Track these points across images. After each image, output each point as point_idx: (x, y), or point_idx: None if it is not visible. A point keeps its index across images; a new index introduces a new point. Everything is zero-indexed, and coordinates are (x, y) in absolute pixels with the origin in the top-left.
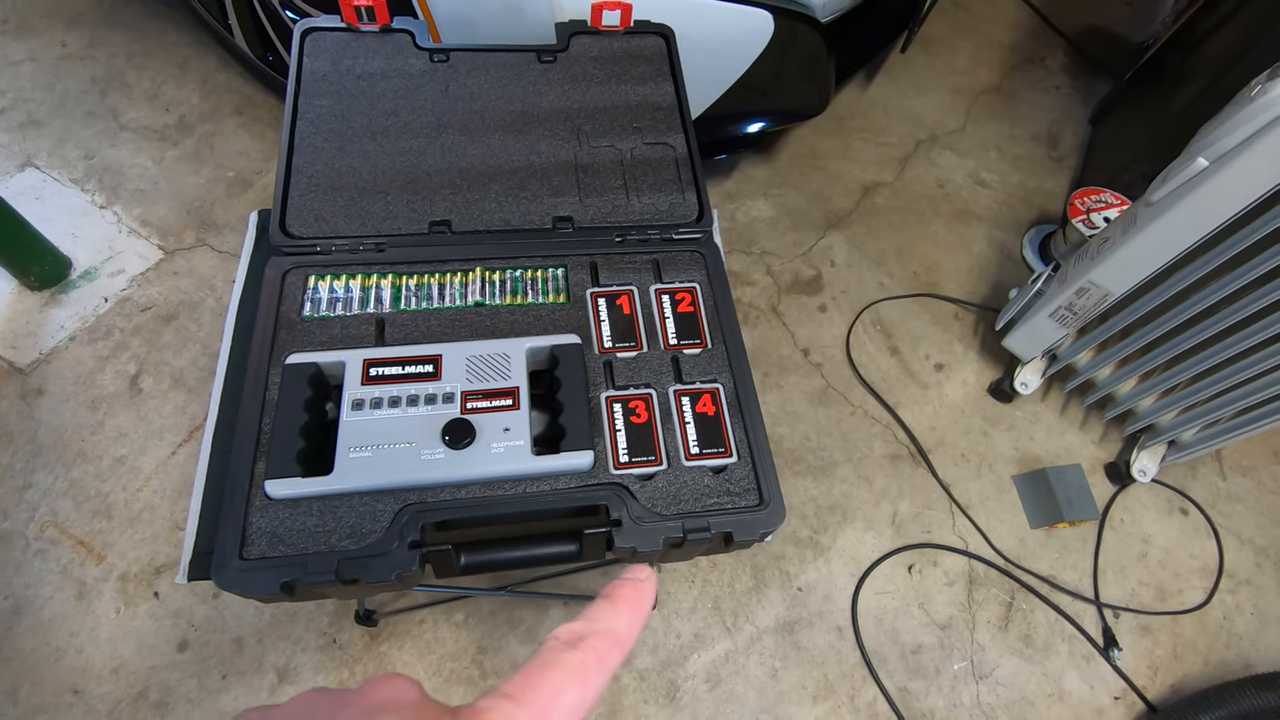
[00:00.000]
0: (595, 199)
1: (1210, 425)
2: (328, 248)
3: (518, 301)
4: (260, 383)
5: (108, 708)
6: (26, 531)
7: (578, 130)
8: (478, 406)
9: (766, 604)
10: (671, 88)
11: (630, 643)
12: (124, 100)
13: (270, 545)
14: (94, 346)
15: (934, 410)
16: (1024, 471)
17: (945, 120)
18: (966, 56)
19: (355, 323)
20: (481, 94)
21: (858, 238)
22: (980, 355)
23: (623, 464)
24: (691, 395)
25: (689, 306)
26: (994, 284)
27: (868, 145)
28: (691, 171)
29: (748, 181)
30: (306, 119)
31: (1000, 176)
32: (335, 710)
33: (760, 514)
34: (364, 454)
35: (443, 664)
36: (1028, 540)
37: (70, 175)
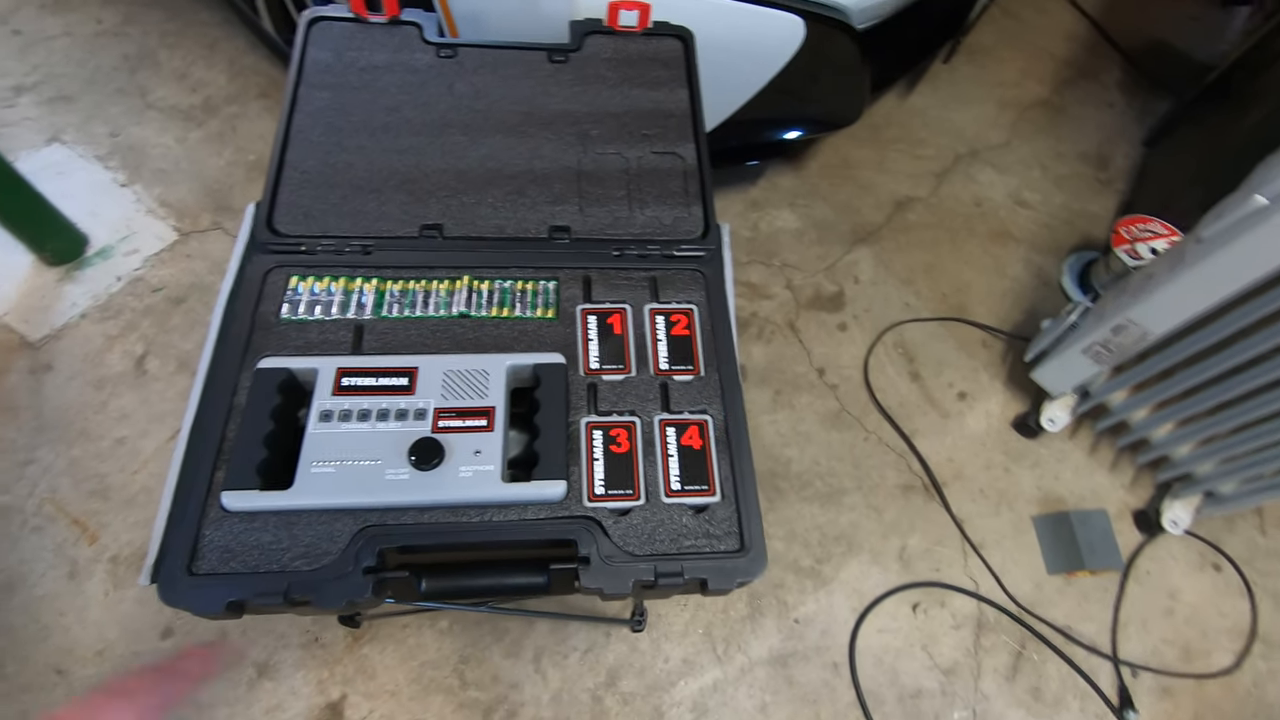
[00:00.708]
0: (596, 209)
1: (1254, 479)
2: (313, 247)
3: (504, 314)
4: (228, 386)
5: (89, 691)
6: (25, 507)
7: (584, 135)
8: (450, 426)
9: (761, 634)
10: (686, 94)
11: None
12: (153, 78)
13: (221, 560)
14: (104, 325)
15: (953, 441)
16: (1045, 513)
17: (988, 134)
18: (1015, 68)
19: (334, 328)
20: (487, 92)
21: (886, 254)
22: (1007, 386)
23: (598, 496)
24: (678, 426)
25: (684, 329)
26: (1027, 311)
27: (903, 157)
28: (700, 184)
29: (774, 190)
30: (305, 111)
31: (1043, 197)
32: None
33: (740, 560)
34: (327, 469)
35: (423, 671)
36: (1044, 586)
37: (95, 152)
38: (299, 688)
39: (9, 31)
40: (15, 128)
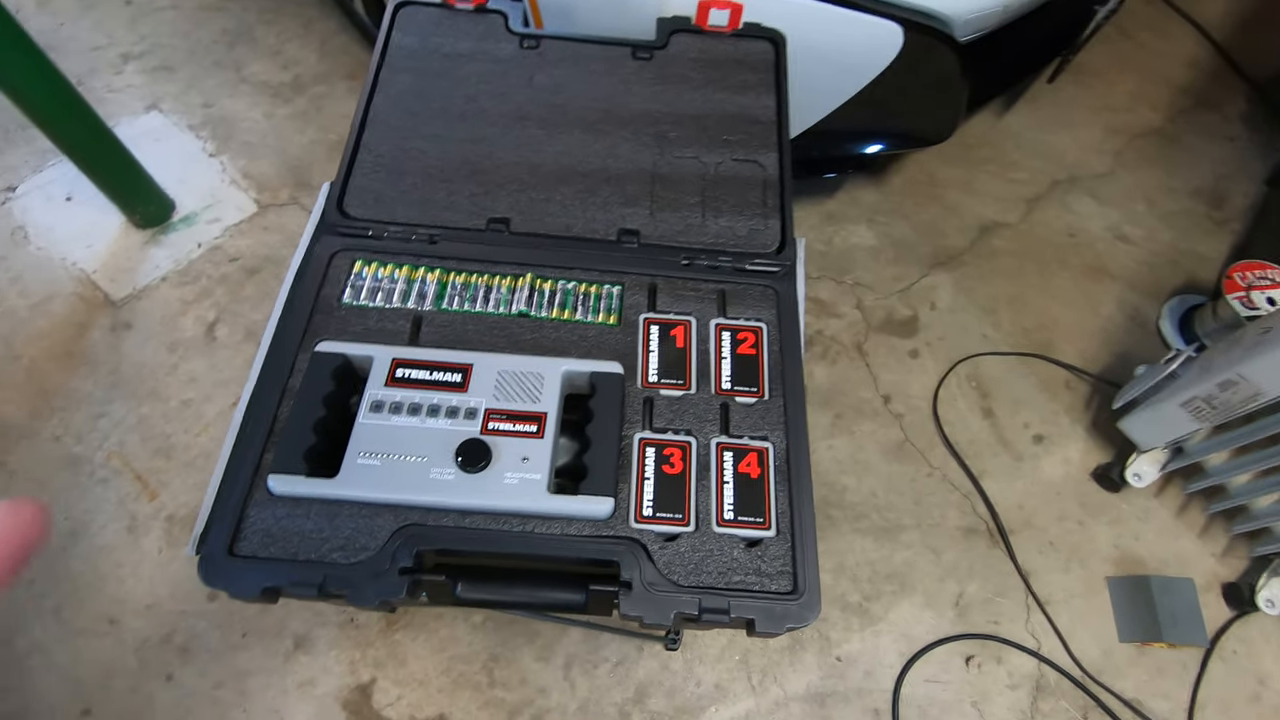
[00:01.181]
0: (668, 214)
1: None
2: (380, 233)
3: (564, 316)
4: (285, 367)
5: (137, 643)
6: (94, 458)
7: (662, 136)
8: (500, 428)
9: (800, 668)
10: (773, 101)
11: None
12: (249, 54)
13: (262, 544)
14: (182, 290)
15: (1024, 486)
16: (1122, 574)
17: (1090, 161)
18: (1126, 92)
19: (393, 316)
20: (567, 86)
21: (967, 281)
22: (1089, 433)
23: (645, 517)
24: (736, 451)
25: (751, 349)
26: (1119, 354)
27: (994, 179)
28: (780, 197)
29: (853, 204)
30: (385, 94)
31: (1147, 232)
32: None
33: (791, 604)
34: (373, 461)
35: (454, 664)
36: (1114, 654)
37: (189, 121)
38: (332, 666)
39: (121, 2)
40: (120, 94)
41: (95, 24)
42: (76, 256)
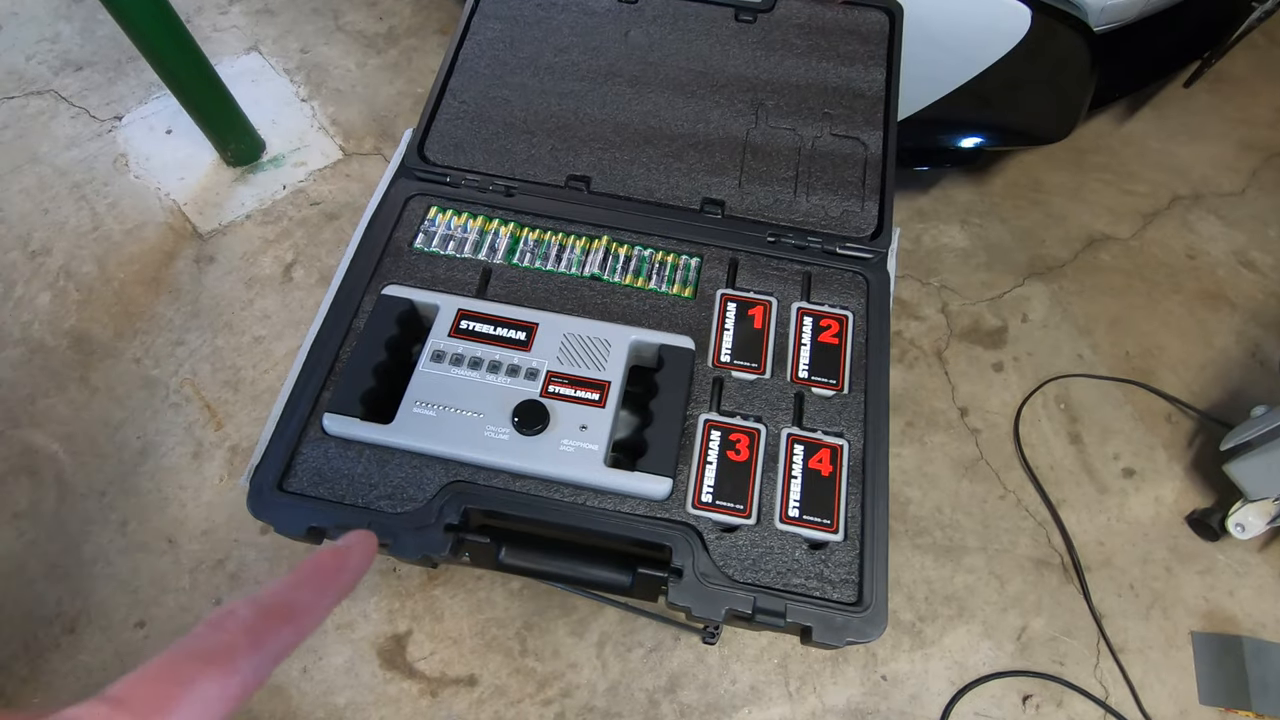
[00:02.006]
0: (757, 187)
1: None
2: (458, 180)
3: (638, 284)
4: (351, 307)
5: (191, 564)
6: (169, 383)
7: (759, 104)
8: (560, 393)
9: (841, 681)
10: (883, 75)
11: (314, 617)
12: (347, 3)
13: (311, 483)
14: (264, 229)
15: (1107, 522)
16: (1211, 630)
17: (1219, 178)
18: (1270, 105)
19: (462, 266)
20: (662, 45)
21: (1065, 295)
22: (1188, 473)
23: (704, 504)
24: (808, 445)
25: (833, 338)
26: (1231, 391)
27: (1107, 189)
28: (881, 179)
29: (947, 202)
30: (475, 40)
31: (1277, 261)
32: None
33: (854, 617)
34: (428, 411)
35: (488, 627)
36: (1191, 715)
37: (285, 65)
38: (370, 612)
39: None
40: (224, 33)
41: None
42: (170, 188)
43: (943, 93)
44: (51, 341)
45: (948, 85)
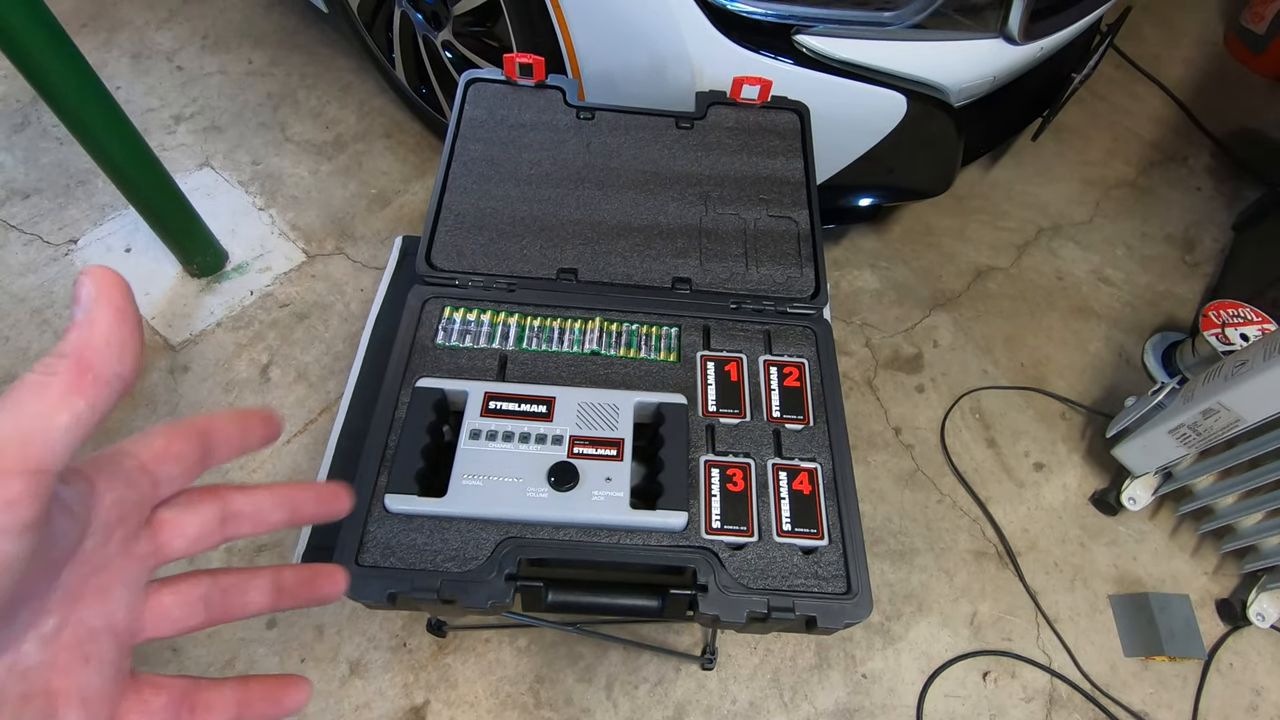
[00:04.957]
0: (715, 264)
1: None
2: (465, 282)
3: (631, 355)
4: (392, 402)
5: (199, 670)
6: None
7: (706, 196)
8: (584, 453)
9: (828, 685)
10: (801, 164)
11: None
12: (292, 115)
13: (383, 555)
14: (236, 334)
15: (1028, 511)
16: (1123, 593)
17: (1071, 211)
18: (1101, 148)
19: (481, 355)
20: (620, 152)
21: (965, 321)
22: (1085, 461)
23: (714, 529)
24: (789, 471)
25: (795, 382)
26: (1108, 388)
27: (985, 228)
28: (812, 248)
29: (856, 251)
30: (460, 161)
31: (1126, 276)
32: None
33: (846, 603)
34: (476, 482)
35: (501, 686)
36: (1119, 668)
37: (238, 177)
38: (386, 689)
39: (173, 67)
40: (173, 152)
41: (149, 88)
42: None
43: (845, 164)
44: None
45: (848, 158)
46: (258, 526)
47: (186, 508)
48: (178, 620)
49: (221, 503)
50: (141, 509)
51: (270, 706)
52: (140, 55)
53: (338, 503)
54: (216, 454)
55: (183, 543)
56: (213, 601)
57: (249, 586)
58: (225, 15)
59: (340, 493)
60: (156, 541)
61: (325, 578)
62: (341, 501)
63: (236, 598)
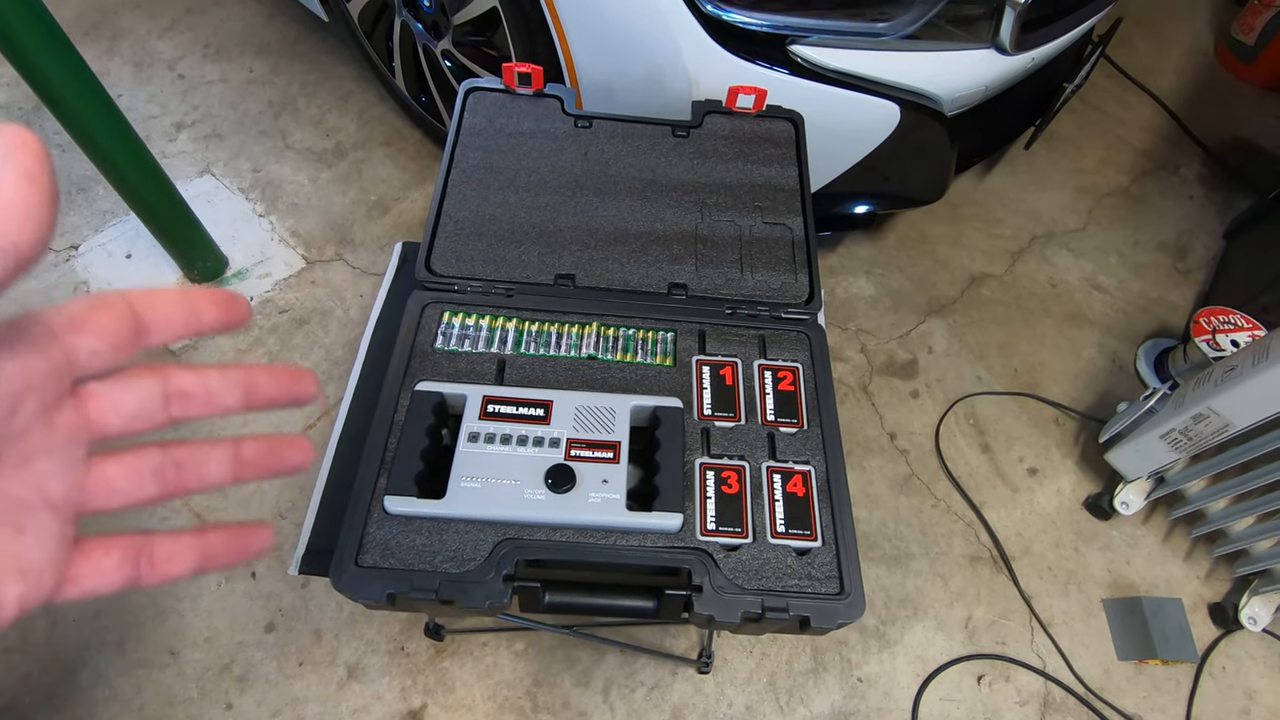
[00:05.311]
0: (711, 270)
1: None
2: (464, 287)
3: (627, 359)
4: (392, 405)
5: (197, 674)
6: None
7: (702, 203)
8: (580, 455)
9: (823, 689)
10: (796, 172)
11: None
12: (293, 123)
13: (382, 556)
14: (236, 340)
15: (1022, 516)
16: (1116, 596)
17: (1065, 219)
18: (1094, 157)
19: (480, 360)
20: (617, 160)
21: (959, 327)
22: (1079, 466)
23: (709, 531)
24: (783, 474)
25: (790, 385)
26: (1101, 393)
27: (980, 235)
28: (806, 254)
29: (851, 258)
30: (460, 168)
31: (1119, 283)
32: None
33: (839, 603)
34: (474, 485)
35: (498, 690)
36: (1113, 672)
37: (239, 185)
38: (384, 693)
39: (175, 75)
40: (174, 159)
41: (150, 96)
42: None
43: (839, 172)
44: None
45: (843, 166)
46: (209, 408)
47: (121, 382)
48: (128, 493)
49: (163, 380)
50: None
51: (234, 553)
52: (142, 63)
53: (300, 386)
54: (154, 332)
55: (119, 419)
56: (165, 475)
57: (206, 458)
58: (227, 24)
59: (303, 377)
60: (86, 415)
61: (290, 447)
62: (305, 386)
63: (193, 470)
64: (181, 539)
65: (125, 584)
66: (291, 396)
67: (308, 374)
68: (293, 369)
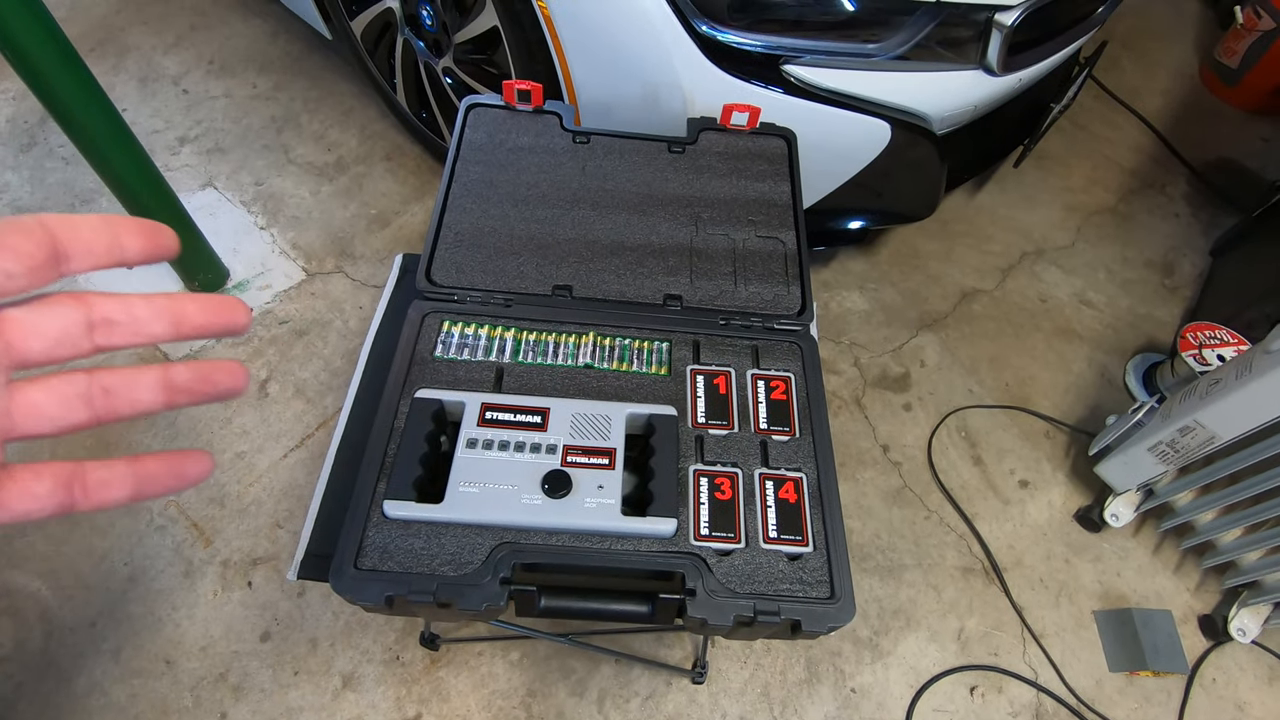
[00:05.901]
0: (705, 282)
1: None
2: (464, 298)
3: (623, 368)
4: (391, 412)
5: (192, 683)
6: (153, 507)
7: (697, 217)
8: (577, 461)
9: (817, 700)
10: (788, 187)
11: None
12: (295, 138)
13: (380, 559)
14: (235, 350)
15: (1014, 528)
16: (1107, 608)
17: (1054, 236)
18: (1082, 175)
19: (478, 368)
20: (614, 175)
21: (951, 342)
22: (1069, 478)
23: (703, 536)
24: (776, 480)
25: (782, 395)
26: (1091, 407)
27: (971, 251)
28: (799, 267)
29: (845, 273)
30: (461, 182)
31: (1108, 299)
32: None
33: (830, 607)
34: (472, 490)
35: (493, 699)
36: (1105, 683)
37: (241, 198)
38: (378, 702)
39: (179, 91)
40: (178, 172)
41: (154, 111)
42: None
43: (832, 188)
44: None
45: (835, 182)
46: (135, 337)
47: (41, 307)
48: (56, 418)
49: (85, 306)
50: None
51: (170, 479)
52: (148, 79)
53: (232, 315)
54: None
55: (41, 344)
56: (94, 400)
57: (135, 384)
58: (231, 41)
59: (234, 305)
60: (5, 339)
61: (222, 371)
62: (237, 314)
63: (123, 395)
64: (115, 466)
65: (58, 509)
66: (223, 325)
67: (238, 302)
68: (222, 296)
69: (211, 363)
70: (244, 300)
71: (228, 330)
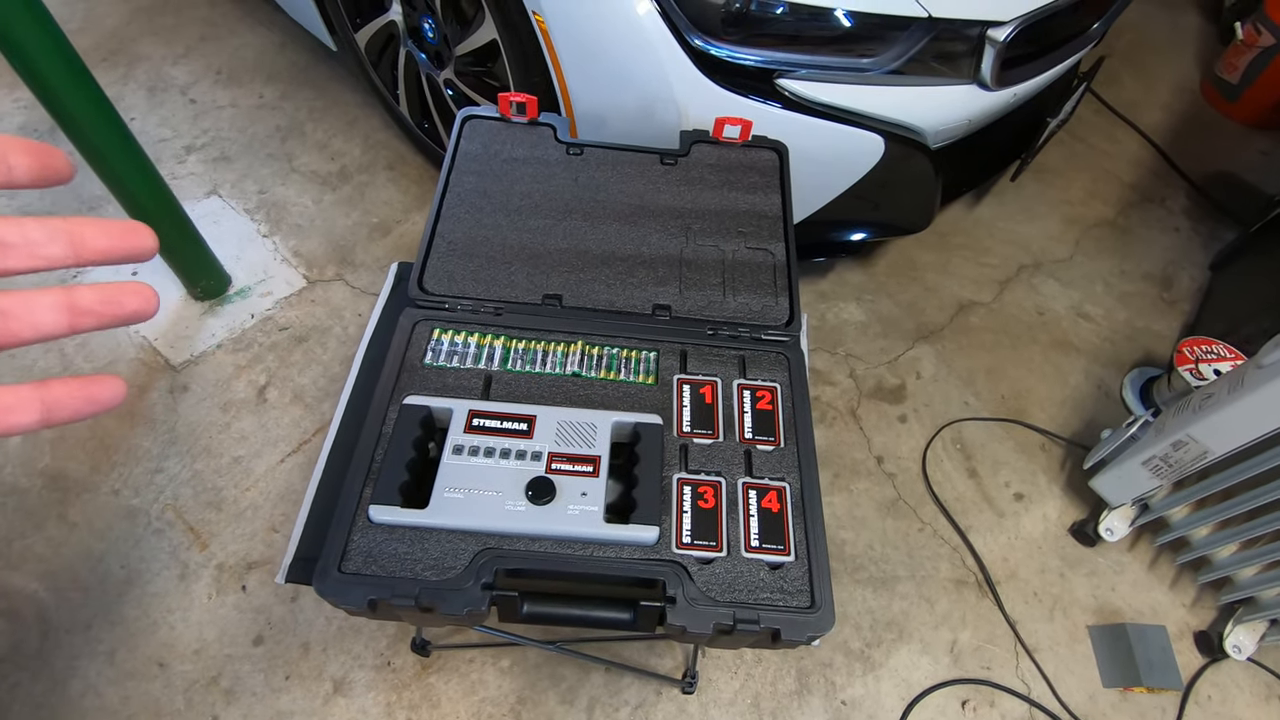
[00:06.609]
0: (694, 292)
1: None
2: (454, 306)
3: (610, 377)
4: (380, 418)
5: (185, 685)
6: (150, 510)
7: (687, 228)
8: (561, 468)
9: (808, 711)
10: (779, 199)
11: None
12: (299, 147)
13: (365, 563)
14: (235, 356)
15: (1008, 541)
16: (1101, 623)
17: (1052, 248)
18: (1081, 188)
19: (467, 375)
20: (606, 186)
21: (947, 353)
22: (1064, 492)
23: (685, 544)
24: (759, 490)
25: (768, 405)
26: (1087, 420)
27: (968, 263)
28: (787, 279)
29: (842, 284)
30: (455, 192)
31: (1106, 312)
32: None
33: (810, 616)
34: (457, 495)
35: (483, 707)
36: (1098, 699)
37: (244, 205)
38: (369, 708)
39: (187, 100)
40: (183, 180)
41: (162, 120)
42: (139, 325)
43: (828, 200)
44: (25, 483)
45: (830, 195)
46: (31, 260)
47: None
48: None
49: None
50: None
51: (79, 404)
52: (156, 88)
53: (135, 239)
54: None
55: None
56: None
57: (34, 305)
58: (240, 52)
59: (138, 230)
60: None
61: (132, 294)
62: (142, 239)
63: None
64: (21, 390)
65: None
66: (126, 250)
67: (142, 226)
68: (126, 220)
69: (118, 284)
70: (245, 306)
71: (132, 256)
